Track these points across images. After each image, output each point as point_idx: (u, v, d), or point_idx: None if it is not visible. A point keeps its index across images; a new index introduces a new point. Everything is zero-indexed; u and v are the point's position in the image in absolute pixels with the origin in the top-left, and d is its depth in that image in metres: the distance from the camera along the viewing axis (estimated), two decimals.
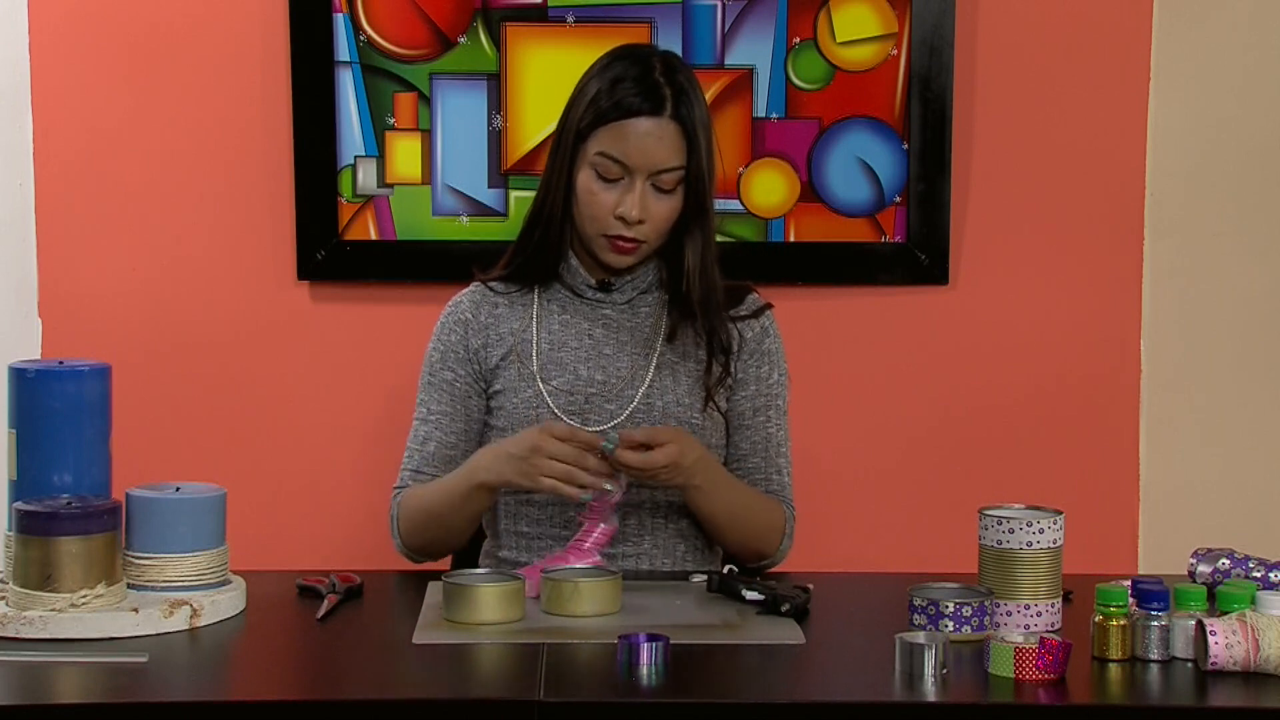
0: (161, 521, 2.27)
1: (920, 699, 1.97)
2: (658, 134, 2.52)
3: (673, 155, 2.52)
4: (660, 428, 2.49)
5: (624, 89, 2.52)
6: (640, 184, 2.52)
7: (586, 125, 2.54)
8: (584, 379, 2.60)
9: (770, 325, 2.68)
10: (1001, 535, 2.21)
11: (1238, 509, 3.36)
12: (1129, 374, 3.36)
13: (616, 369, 2.60)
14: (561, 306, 2.64)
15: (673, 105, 2.52)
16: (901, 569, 2.64)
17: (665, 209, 2.54)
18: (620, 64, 2.56)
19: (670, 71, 2.55)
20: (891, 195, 3.28)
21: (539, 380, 2.59)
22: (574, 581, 2.26)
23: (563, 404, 2.58)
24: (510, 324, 2.64)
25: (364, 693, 2.01)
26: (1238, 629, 2.03)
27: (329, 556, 3.18)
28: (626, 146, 2.51)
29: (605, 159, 2.52)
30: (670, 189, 2.54)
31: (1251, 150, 3.33)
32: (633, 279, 2.63)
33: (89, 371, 2.32)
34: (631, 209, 2.52)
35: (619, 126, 2.52)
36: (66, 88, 3.26)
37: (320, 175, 3.24)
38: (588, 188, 2.54)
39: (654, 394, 2.59)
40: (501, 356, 2.63)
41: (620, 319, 2.63)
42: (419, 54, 3.24)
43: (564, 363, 2.61)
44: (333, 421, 3.32)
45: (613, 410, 2.58)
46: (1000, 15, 3.29)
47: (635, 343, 2.62)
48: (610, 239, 2.55)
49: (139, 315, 3.29)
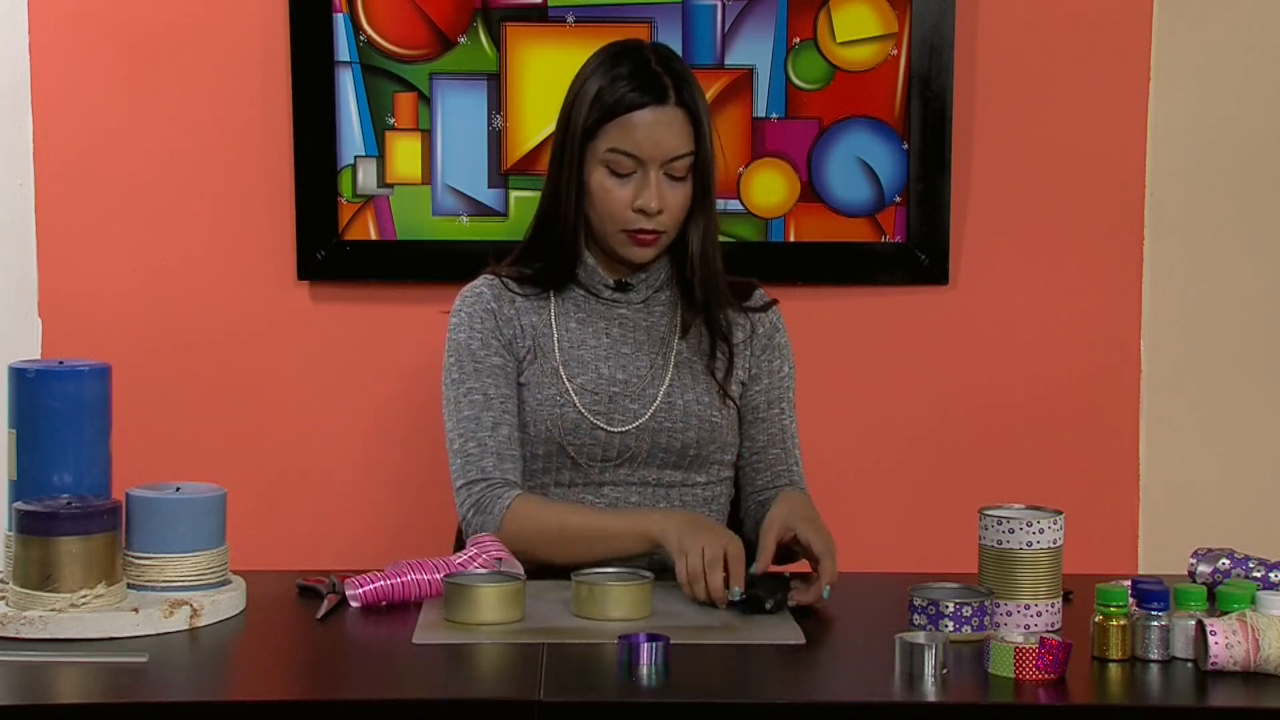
0: (161, 521, 2.27)
1: (920, 699, 1.97)
2: (666, 122, 2.53)
3: (683, 141, 2.54)
4: (784, 528, 2.39)
5: (625, 84, 2.53)
6: (654, 174, 2.53)
7: (593, 123, 2.54)
8: (606, 377, 2.59)
9: (779, 320, 2.70)
10: (1001, 535, 2.21)
11: (1238, 509, 3.36)
12: (1129, 374, 3.36)
13: (637, 368, 2.60)
14: (578, 306, 2.63)
15: (675, 92, 2.54)
16: (901, 569, 2.64)
17: (680, 196, 2.56)
18: (616, 60, 2.56)
19: (666, 60, 2.57)
20: (891, 195, 3.28)
21: (564, 378, 2.59)
22: (604, 585, 2.25)
23: (588, 402, 2.57)
24: (530, 319, 2.62)
25: (364, 693, 2.01)
26: (1238, 629, 2.03)
27: (329, 556, 3.18)
28: (637, 138, 2.52)
29: (617, 154, 2.53)
30: (682, 176, 2.55)
31: (1251, 150, 3.33)
32: (647, 277, 2.63)
33: (89, 371, 2.32)
34: (650, 200, 2.52)
35: (626, 120, 2.52)
36: (66, 88, 3.26)
37: (320, 175, 3.24)
38: (602, 185, 2.55)
39: (674, 392, 2.59)
40: (526, 350, 2.61)
41: (636, 318, 2.63)
42: (419, 54, 3.24)
43: (585, 361, 2.60)
44: (333, 421, 3.32)
45: (636, 409, 2.57)
46: (1000, 15, 3.29)
47: (652, 342, 2.62)
48: (631, 234, 2.55)
49: (139, 315, 3.29)
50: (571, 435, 2.55)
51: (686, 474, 2.61)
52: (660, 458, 2.59)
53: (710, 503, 2.63)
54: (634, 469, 2.59)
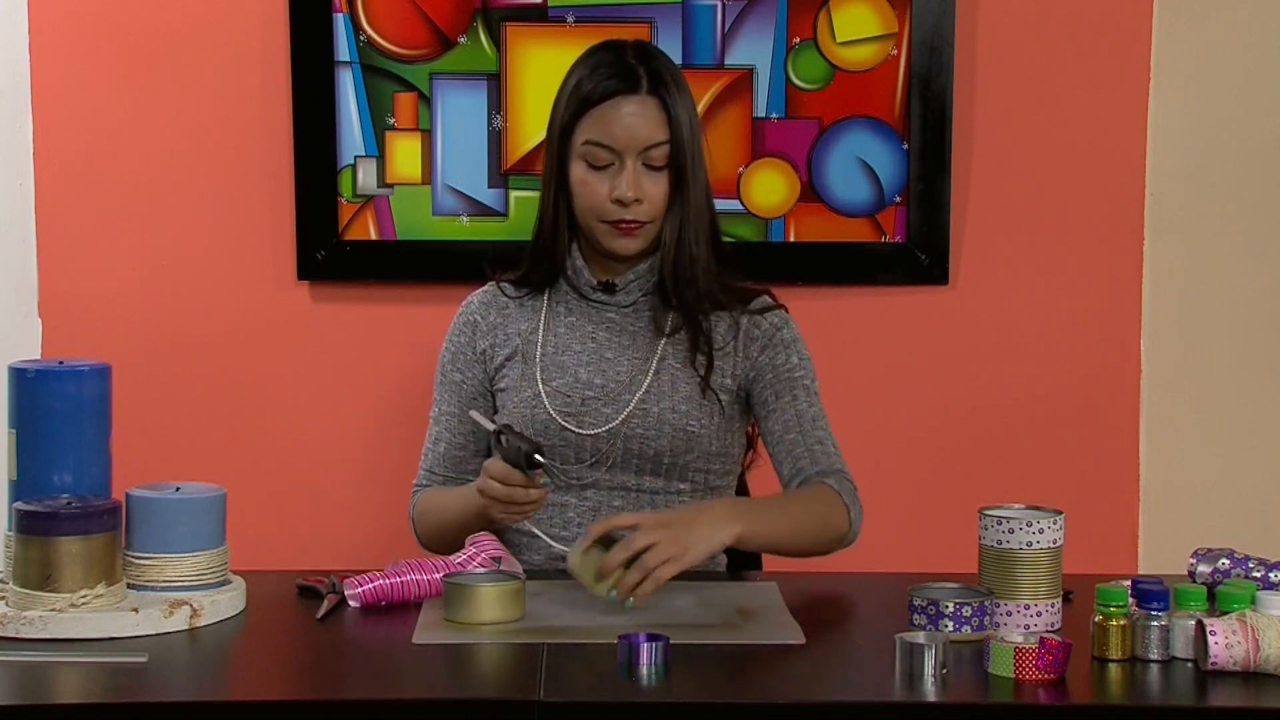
0: (161, 521, 2.27)
1: (920, 699, 1.97)
2: (638, 111, 2.54)
3: (657, 130, 2.55)
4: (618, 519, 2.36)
5: (599, 74, 2.56)
6: (631, 164, 2.55)
7: (569, 118, 2.57)
8: (583, 382, 2.60)
9: (783, 322, 2.66)
10: (1001, 535, 2.21)
11: (1238, 509, 3.36)
12: (1129, 374, 3.36)
13: (616, 373, 2.61)
14: (568, 309, 2.65)
15: (649, 82, 2.55)
16: (901, 569, 2.64)
17: (660, 187, 2.57)
18: (593, 55, 2.60)
19: (645, 56, 2.59)
20: (891, 195, 3.28)
21: (539, 381, 2.60)
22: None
23: (560, 405, 2.58)
24: (519, 324, 2.66)
25: (364, 693, 2.01)
26: (1238, 629, 2.03)
27: (329, 556, 3.18)
28: (611, 129, 2.54)
29: (593, 146, 2.55)
30: (661, 165, 2.56)
31: (1251, 150, 3.33)
32: (636, 279, 2.63)
33: (89, 371, 2.32)
34: (627, 189, 2.54)
35: (600, 111, 2.55)
36: (66, 88, 3.26)
37: (320, 175, 3.24)
38: (581, 178, 2.57)
39: (650, 399, 2.59)
40: (507, 356, 2.64)
41: (624, 322, 2.64)
42: (419, 54, 3.24)
43: (565, 365, 2.61)
44: (332, 421, 3.32)
45: (609, 414, 2.58)
46: (1000, 15, 3.29)
47: (637, 347, 2.62)
48: (611, 224, 2.57)
49: (139, 315, 3.29)
50: (542, 436, 2.57)
51: (668, 481, 2.60)
52: (635, 464, 2.59)
53: None
54: (611, 474, 2.59)
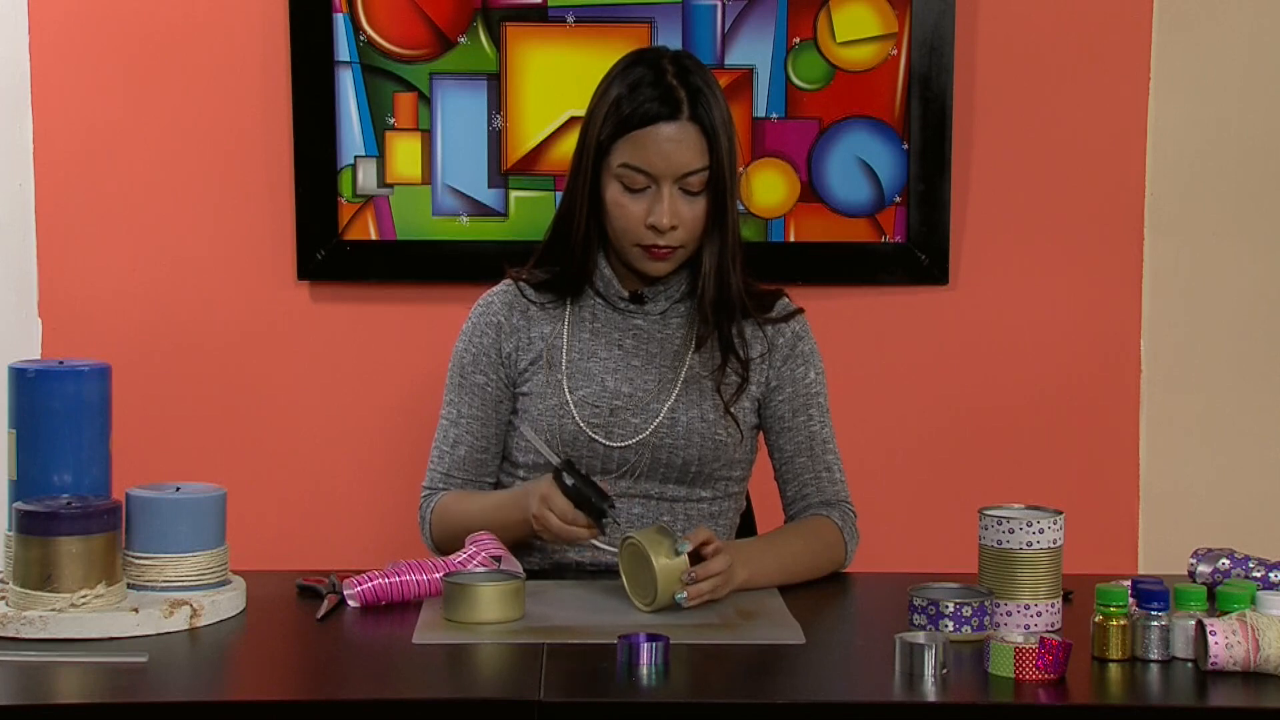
0: (161, 521, 2.27)
1: (920, 699, 1.97)
2: (678, 138, 2.49)
3: (696, 157, 2.50)
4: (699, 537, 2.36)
5: (639, 95, 2.49)
6: (668, 190, 2.49)
7: (606, 138, 2.51)
8: (610, 391, 2.57)
9: (802, 329, 2.65)
10: (1001, 535, 2.21)
11: (1238, 509, 3.37)
12: (1129, 374, 3.36)
13: (644, 382, 2.58)
14: (593, 315, 2.61)
15: (690, 106, 2.49)
16: (901, 569, 2.64)
17: (696, 211, 2.52)
18: (633, 70, 2.52)
19: (684, 73, 2.51)
20: (891, 195, 3.28)
21: (566, 390, 2.58)
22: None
23: (587, 415, 2.56)
24: (542, 328, 2.61)
25: (364, 693, 2.01)
26: (1238, 629, 2.03)
27: (329, 556, 3.18)
28: (649, 155, 2.49)
29: (629, 170, 2.50)
30: (698, 191, 2.51)
31: (1251, 150, 3.33)
32: (665, 289, 2.60)
33: (89, 371, 2.32)
34: (662, 217, 2.49)
35: (639, 136, 2.49)
36: (66, 88, 3.26)
37: (320, 175, 3.24)
38: (616, 201, 2.52)
39: (679, 409, 2.56)
40: (531, 360, 2.60)
41: (651, 331, 2.61)
42: (419, 54, 3.24)
43: (592, 373, 2.58)
44: (333, 421, 3.32)
45: (636, 424, 2.56)
46: (1000, 15, 3.29)
47: (665, 355, 2.59)
48: (645, 249, 2.52)
49: (139, 315, 3.29)
50: (570, 447, 2.55)
51: (691, 489, 2.59)
52: (662, 473, 2.57)
53: (717, 518, 2.62)
54: (635, 482, 2.57)
